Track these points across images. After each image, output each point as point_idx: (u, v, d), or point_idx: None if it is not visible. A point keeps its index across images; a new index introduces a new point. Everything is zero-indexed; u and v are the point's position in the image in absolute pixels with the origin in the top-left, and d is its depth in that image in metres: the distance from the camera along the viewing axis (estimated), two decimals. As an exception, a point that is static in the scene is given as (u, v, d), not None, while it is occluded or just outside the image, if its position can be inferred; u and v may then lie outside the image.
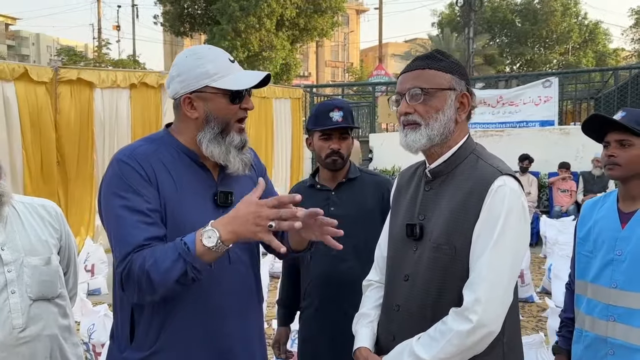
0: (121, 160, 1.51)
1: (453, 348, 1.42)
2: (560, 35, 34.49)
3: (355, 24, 58.58)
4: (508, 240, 1.44)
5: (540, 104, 10.33)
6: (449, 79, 1.54)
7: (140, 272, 1.38)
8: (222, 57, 1.58)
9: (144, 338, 1.52)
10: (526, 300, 5.59)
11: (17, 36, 54.66)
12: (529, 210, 7.17)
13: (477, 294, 1.41)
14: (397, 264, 1.63)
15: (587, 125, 1.97)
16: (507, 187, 1.47)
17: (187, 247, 1.36)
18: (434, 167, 1.59)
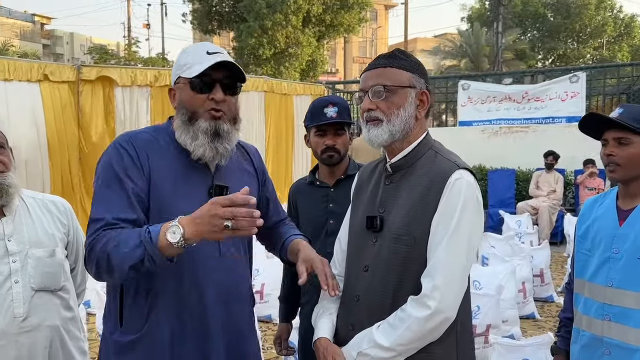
0: (119, 144, 1.59)
1: (412, 334, 1.48)
2: (594, 29, 33.58)
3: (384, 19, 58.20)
4: (464, 231, 1.51)
5: (567, 99, 10.10)
6: (409, 77, 1.61)
7: (101, 252, 1.44)
8: (200, 50, 1.62)
9: (131, 322, 1.58)
10: (545, 300, 5.50)
11: (52, 35, 55.98)
12: (554, 209, 7.01)
13: (435, 282, 1.48)
14: (357, 256, 1.67)
15: (583, 124, 1.93)
16: (464, 180, 1.54)
17: (149, 237, 1.39)
18: (395, 161, 1.65)
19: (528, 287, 4.99)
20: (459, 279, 1.52)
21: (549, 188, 8.72)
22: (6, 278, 1.88)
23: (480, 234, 1.63)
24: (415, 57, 1.68)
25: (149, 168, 1.57)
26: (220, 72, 1.60)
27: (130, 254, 1.40)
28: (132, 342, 1.57)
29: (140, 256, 1.39)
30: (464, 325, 1.61)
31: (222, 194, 1.61)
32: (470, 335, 1.68)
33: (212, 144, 1.60)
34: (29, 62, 7.07)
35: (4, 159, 1.90)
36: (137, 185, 1.54)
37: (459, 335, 1.58)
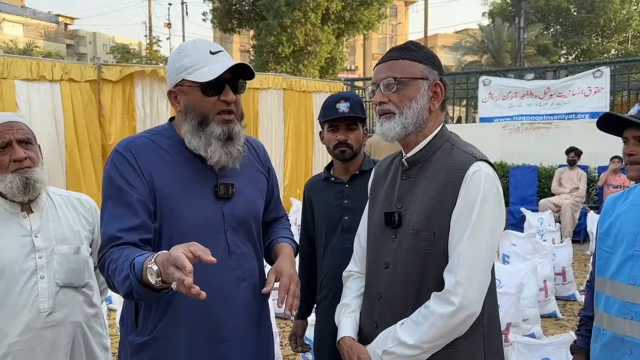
0: (117, 151, 1.59)
1: (437, 331, 1.46)
2: (618, 24, 32.88)
3: (404, 15, 57.80)
4: (485, 224, 1.49)
5: (590, 94, 9.92)
6: (421, 68, 1.59)
7: (107, 272, 1.48)
8: (202, 50, 1.59)
9: (145, 323, 1.59)
10: (567, 298, 5.44)
11: (75, 35, 56.80)
12: (577, 206, 6.91)
13: (458, 277, 1.46)
14: (377, 253, 1.66)
15: (601, 123, 1.89)
16: (483, 172, 1.51)
17: (134, 272, 1.36)
18: (410, 155, 1.63)
19: (549, 286, 4.93)
20: (482, 273, 1.50)
21: (572, 185, 8.59)
22: (32, 273, 1.92)
23: (502, 225, 1.60)
24: (429, 49, 1.66)
25: (150, 173, 1.56)
26: (228, 72, 1.56)
27: (122, 283, 1.40)
28: (146, 343, 1.59)
29: (128, 288, 1.39)
30: (490, 319, 1.59)
31: (228, 192, 1.62)
32: (498, 329, 1.65)
33: (225, 149, 1.59)
34: (50, 62, 7.19)
35: (32, 155, 1.94)
36: (137, 191, 1.53)
37: (486, 329, 1.57)
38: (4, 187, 1.91)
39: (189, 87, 1.58)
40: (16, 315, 1.89)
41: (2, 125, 1.90)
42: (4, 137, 1.89)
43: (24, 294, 1.90)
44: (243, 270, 1.68)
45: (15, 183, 1.89)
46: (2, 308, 1.89)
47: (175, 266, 1.22)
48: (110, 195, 1.56)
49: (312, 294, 2.44)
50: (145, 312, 1.60)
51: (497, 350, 1.63)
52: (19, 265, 1.90)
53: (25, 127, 1.97)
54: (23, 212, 1.97)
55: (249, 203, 1.71)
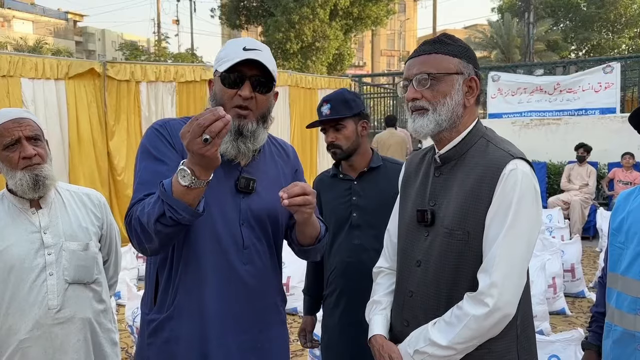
0: (154, 127, 1.65)
1: (470, 332, 1.43)
2: (629, 19, 32.55)
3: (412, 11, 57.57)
4: (522, 225, 1.44)
5: (600, 90, 9.83)
6: (456, 63, 1.53)
7: (135, 219, 1.48)
8: (236, 45, 1.62)
9: (163, 300, 1.62)
10: (577, 295, 5.40)
11: (84, 32, 57.10)
12: (587, 203, 6.86)
13: (493, 278, 1.42)
14: (409, 250, 1.63)
15: (633, 119, 1.86)
16: (519, 171, 1.46)
17: (164, 188, 1.40)
18: (444, 152, 1.58)
19: (558, 283, 4.90)
20: (517, 275, 1.45)
21: (581, 181, 8.53)
22: (41, 270, 1.92)
23: (539, 226, 1.54)
24: (463, 41, 1.59)
25: (182, 153, 1.56)
26: (253, 69, 1.57)
27: (152, 209, 1.42)
28: (162, 320, 1.61)
29: (160, 209, 1.40)
30: (524, 319, 1.55)
31: (249, 187, 1.62)
32: (532, 329, 1.61)
33: (234, 142, 1.59)
34: (56, 59, 7.22)
35: (41, 151, 1.94)
36: (170, 163, 1.56)
37: (520, 329, 1.53)
38: (14, 184, 1.91)
39: (217, 78, 1.62)
40: (26, 312, 1.90)
41: (12, 122, 1.90)
42: (13, 134, 1.89)
43: (34, 290, 1.91)
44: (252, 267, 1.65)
45: (25, 180, 1.89)
46: (12, 305, 1.90)
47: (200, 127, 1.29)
48: (143, 165, 1.59)
49: (320, 289, 2.44)
50: (164, 288, 1.62)
51: (530, 350, 1.59)
52: (28, 262, 1.91)
53: (34, 123, 1.96)
54: (32, 208, 1.97)
55: (268, 202, 1.68)
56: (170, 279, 1.61)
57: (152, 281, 1.66)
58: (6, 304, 1.90)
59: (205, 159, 1.32)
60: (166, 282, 1.61)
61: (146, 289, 1.71)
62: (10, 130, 1.89)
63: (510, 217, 1.43)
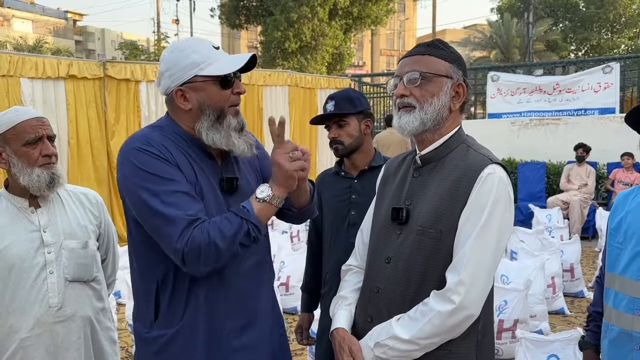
0: (139, 149, 1.50)
1: (433, 328, 1.45)
2: (629, 19, 32.59)
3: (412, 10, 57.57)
4: (494, 227, 1.47)
5: (600, 90, 9.84)
6: (447, 66, 1.58)
7: (207, 244, 1.43)
8: (206, 46, 1.59)
9: (169, 316, 1.57)
10: (576, 295, 5.41)
11: (84, 32, 57.07)
12: (586, 202, 6.85)
13: (461, 277, 1.44)
14: (380, 248, 1.65)
15: (630, 117, 1.88)
16: (496, 176, 1.50)
17: (246, 210, 1.50)
18: (425, 153, 1.62)
19: (557, 282, 4.91)
20: (485, 276, 1.47)
21: (581, 181, 8.54)
22: (42, 268, 1.93)
23: (510, 231, 1.58)
24: (455, 49, 1.65)
25: (177, 163, 1.54)
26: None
27: (237, 232, 1.47)
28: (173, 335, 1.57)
29: (246, 231, 1.49)
30: (485, 326, 1.57)
31: (233, 186, 1.63)
32: (491, 337, 1.64)
33: (242, 138, 1.60)
34: (56, 59, 7.23)
35: (55, 152, 1.98)
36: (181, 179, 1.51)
37: (481, 335, 1.55)
38: (30, 180, 1.91)
39: (202, 83, 1.55)
40: (27, 311, 1.91)
41: (36, 120, 1.94)
42: (38, 132, 1.92)
43: (34, 289, 1.92)
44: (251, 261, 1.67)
45: (44, 177, 1.92)
46: (13, 303, 1.91)
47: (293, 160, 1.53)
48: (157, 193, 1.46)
49: (319, 286, 2.45)
50: (170, 303, 1.57)
51: (489, 355, 1.61)
52: (29, 261, 1.92)
53: (50, 125, 2.01)
54: (31, 207, 1.98)
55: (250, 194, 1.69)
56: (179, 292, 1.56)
57: (149, 298, 1.60)
58: (7, 302, 1.90)
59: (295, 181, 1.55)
60: (171, 295, 1.57)
61: (139, 304, 1.65)
62: (34, 128, 1.92)
63: (484, 218, 1.47)
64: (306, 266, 2.56)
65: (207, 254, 1.44)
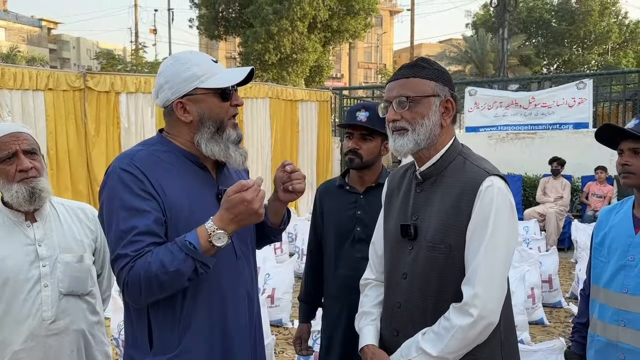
0: (122, 169, 1.52)
1: (458, 342, 1.52)
2: (598, 35, 33.63)
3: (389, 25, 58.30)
4: (500, 237, 1.53)
5: (574, 105, 10.11)
6: (432, 86, 1.62)
7: (147, 277, 1.43)
8: (206, 59, 1.63)
9: (164, 342, 1.56)
10: (554, 305, 5.52)
11: (58, 40, 56.34)
12: (562, 215, 6.99)
13: (476, 289, 1.50)
14: (395, 264, 1.71)
15: (599, 134, 1.98)
16: (495, 187, 1.56)
17: (193, 247, 1.43)
18: (424, 169, 1.67)
19: (537, 293, 5.01)
20: (498, 284, 1.54)
21: (556, 194, 8.73)
22: (36, 282, 1.93)
23: (516, 237, 1.64)
24: (440, 65, 1.70)
25: (160, 185, 1.54)
26: None
27: (182, 269, 1.43)
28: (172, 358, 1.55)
29: (191, 267, 1.44)
30: (507, 326, 1.64)
31: None
32: (514, 336, 1.71)
33: (238, 151, 1.64)
34: (35, 69, 7.15)
35: (37, 165, 1.96)
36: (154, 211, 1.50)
37: (503, 334, 1.62)
38: (10, 197, 1.92)
39: (203, 95, 1.59)
40: (20, 323, 1.90)
41: (9, 136, 1.92)
42: (10, 148, 1.91)
43: (28, 302, 1.91)
44: (245, 274, 1.72)
45: (22, 193, 1.91)
46: (6, 316, 1.90)
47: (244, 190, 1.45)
48: (124, 217, 1.49)
49: (318, 297, 2.46)
50: (164, 329, 1.57)
51: (514, 354, 1.69)
52: (23, 274, 1.91)
53: (30, 138, 1.98)
54: (27, 221, 1.98)
55: None
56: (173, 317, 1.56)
57: (142, 321, 1.58)
58: (0, 315, 1.89)
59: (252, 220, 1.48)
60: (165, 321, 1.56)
61: (133, 331, 1.62)
62: (7, 144, 1.91)
63: (489, 231, 1.53)
64: (305, 277, 2.54)
65: (149, 286, 1.44)
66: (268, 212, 1.79)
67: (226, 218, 1.45)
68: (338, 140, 11.86)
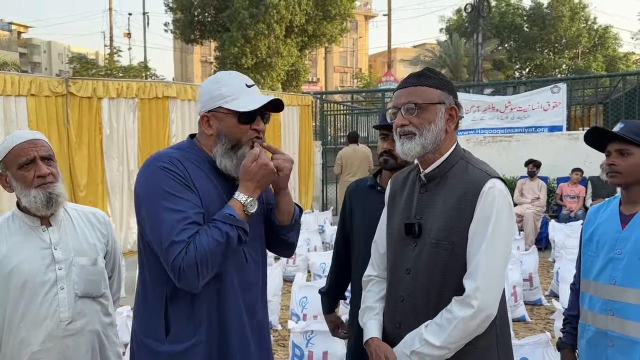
0: (162, 167, 1.66)
1: (460, 332, 1.63)
2: (569, 40, 34.51)
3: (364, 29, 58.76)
4: (500, 236, 1.66)
5: (548, 109, 10.41)
6: (439, 94, 1.74)
7: (202, 255, 1.56)
8: (238, 82, 1.74)
9: (181, 331, 1.67)
10: (535, 303, 5.70)
11: (29, 44, 55.32)
12: (539, 215, 7.19)
13: (477, 283, 1.63)
14: (398, 260, 1.82)
15: (588, 137, 2.12)
16: (496, 189, 1.69)
17: (233, 217, 1.62)
18: (429, 171, 1.79)
19: (518, 291, 5.18)
20: (497, 279, 1.67)
21: (533, 195, 8.98)
22: (53, 284, 1.99)
23: (513, 235, 1.78)
24: (444, 75, 1.83)
25: (194, 185, 1.67)
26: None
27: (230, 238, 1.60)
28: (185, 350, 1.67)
29: (236, 235, 1.61)
30: (502, 319, 1.76)
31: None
32: (508, 328, 1.84)
33: None
34: (18, 75, 7.10)
35: (54, 170, 2.02)
36: (194, 201, 1.64)
37: (499, 327, 1.74)
38: (28, 202, 1.98)
39: (224, 115, 1.71)
40: (38, 325, 1.96)
41: (27, 143, 1.99)
42: (29, 154, 1.97)
43: (45, 304, 1.97)
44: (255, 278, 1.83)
45: (40, 198, 1.97)
46: (25, 318, 1.96)
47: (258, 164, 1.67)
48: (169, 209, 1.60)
49: (341, 291, 2.54)
50: (181, 319, 1.68)
51: (508, 345, 1.82)
52: (40, 277, 1.97)
53: (47, 144, 2.05)
54: (42, 225, 2.04)
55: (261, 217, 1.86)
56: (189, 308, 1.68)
57: (159, 310, 1.69)
58: (19, 317, 1.95)
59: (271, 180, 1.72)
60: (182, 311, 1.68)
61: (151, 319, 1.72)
62: (26, 150, 1.97)
63: (490, 229, 1.65)
64: (330, 272, 2.62)
65: (202, 265, 1.56)
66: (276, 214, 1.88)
67: (251, 186, 1.67)
68: (320, 144, 11.97)
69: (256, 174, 1.65)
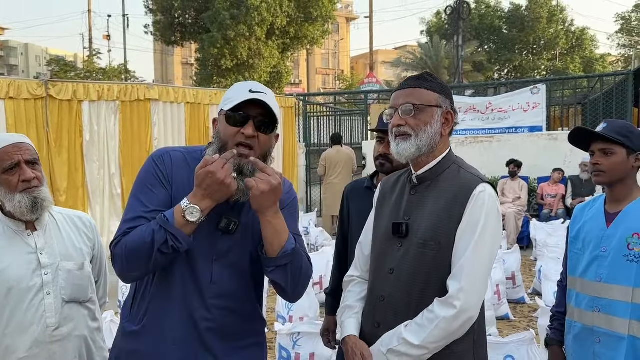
0: (152, 157, 1.75)
1: (440, 332, 1.63)
2: (547, 42, 35.06)
3: (346, 31, 58.93)
4: (486, 239, 1.67)
5: (528, 110, 10.54)
6: (436, 97, 1.76)
7: (129, 248, 1.59)
8: (243, 87, 1.69)
9: (136, 314, 1.73)
10: (517, 301, 5.76)
11: (5, 46, 54.38)
12: (520, 214, 7.27)
13: (462, 284, 1.63)
14: (382, 260, 1.81)
15: (572, 137, 2.15)
16: (487, 193, 1.70)
17: (166, 219, 1.57)
18: (421, 173, 1.79)
19: (502, 290, 5.24)
20: (481, 281, 1.67)
21: (514, 195, 9.08)
22: (39, 289, 1.96)
23: (500, 240, 1.79)
24: (442, 80, 1.84)
25: (174, 184, 1.69)
26: (256, 110, 1.63)
27: (154, 238, 1.55)
28: (134, 332, 1.71)
29: (163, 238, 1.55)
30: (480, 326, 1.77)
31: (228, 228, 1.67)
32: (484, 335, 1.84)
33: (235, 180, 1.60)
34: (-5, 78, 6.98)
35: (39, 175, 1.99)
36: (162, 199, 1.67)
37: (476, 334, 1.74)
38: (13, 207, 1.94)
39: (222, 116, 1.70)
40: (24, 331, 1.93)
41: (12, 147, 1.95)
42: (13, 158, 1.94)
43: (32, 310, 1.94)
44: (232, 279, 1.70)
45: (25, 202, 1.94)
46: (10, 324, 1.92)
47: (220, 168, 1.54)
48: (135, 196, 1.70)
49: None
50: (138, 302, 1.73)
51: (483, 352, 1.82)
52: (26, 283, 1.94)
53: (32, 148, 2.01)
54: (27, 230, 2.01)
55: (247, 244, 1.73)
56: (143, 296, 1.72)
57: (132, 290, 1.79)
58: (4, 324, 1.92)
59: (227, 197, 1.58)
60: (140, 295, 1.73)
61: (129, 294, 1.81)
62: (10, 155, 1.94)
63: (478, 232, 1.66)
64: (333, 272, 2.60)
65: (128, 258, 1.59)
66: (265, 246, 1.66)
67: (198, 194, 1.57)
68: (303, 145, 11.96)
69: (202, 180, 1.55)
